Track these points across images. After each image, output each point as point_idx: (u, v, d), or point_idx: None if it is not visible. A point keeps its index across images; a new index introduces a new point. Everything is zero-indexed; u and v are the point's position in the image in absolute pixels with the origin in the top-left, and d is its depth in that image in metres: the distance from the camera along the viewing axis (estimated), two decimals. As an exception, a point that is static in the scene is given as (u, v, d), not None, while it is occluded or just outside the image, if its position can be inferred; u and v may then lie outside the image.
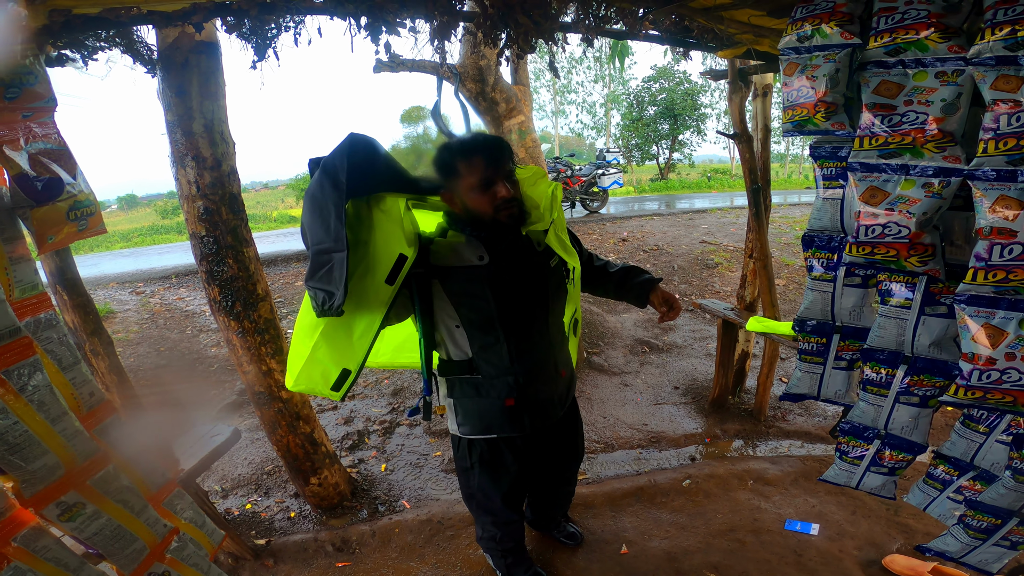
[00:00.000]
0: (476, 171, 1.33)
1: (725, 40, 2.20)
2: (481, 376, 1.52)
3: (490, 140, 1.42)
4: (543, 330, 1.56)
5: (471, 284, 1.43)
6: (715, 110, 18.91)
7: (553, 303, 1.58)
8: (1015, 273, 1.06)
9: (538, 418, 1.60)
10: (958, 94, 1.13)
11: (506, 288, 1.45)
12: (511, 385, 1.52)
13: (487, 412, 1.56)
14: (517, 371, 1.51)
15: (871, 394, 1.52)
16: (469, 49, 4.07)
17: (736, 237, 6.95)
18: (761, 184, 2.80)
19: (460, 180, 1.35)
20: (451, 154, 1.37)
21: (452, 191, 1.39)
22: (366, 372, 3.90)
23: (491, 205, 1.35)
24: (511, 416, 1.56)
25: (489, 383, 1.52)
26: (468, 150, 1.35)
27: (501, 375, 1.51)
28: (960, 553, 1.47)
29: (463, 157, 1.34)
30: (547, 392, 1.61)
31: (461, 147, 1.37)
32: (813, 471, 2.60)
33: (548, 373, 1.60)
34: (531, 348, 1.53)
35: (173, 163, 1.97)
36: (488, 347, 1.49)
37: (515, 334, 1.49)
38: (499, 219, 1.37)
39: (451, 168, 1.36)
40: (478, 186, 1.34)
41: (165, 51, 1.86)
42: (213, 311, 2.14)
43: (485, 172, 1.33)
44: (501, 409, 1.54)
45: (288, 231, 12.06)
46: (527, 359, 1.52)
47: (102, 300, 5.17)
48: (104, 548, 1.01)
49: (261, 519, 2.53)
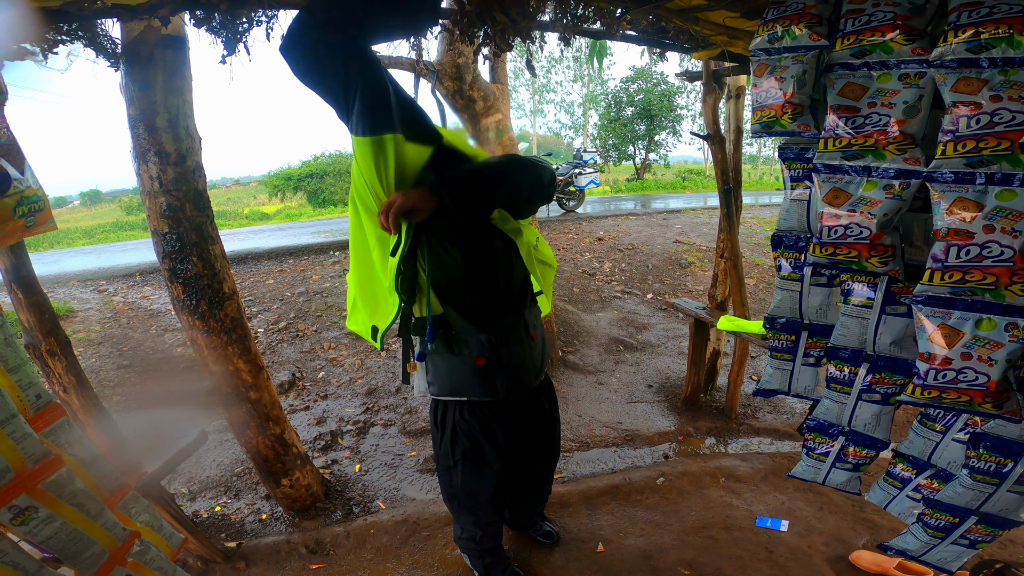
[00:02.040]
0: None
1: (700, 41, 2.23)
2: (454, 332, 1.53)
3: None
4: (508, 288, 1.58)
5: (442, 244, 1.46)
6: (691, 111, 19.18)
7: (515, 262, 1.60)
8: (971, 274, 1.08)
9: (512, 382, 1.61)
10: (919, 96, 1.16)
11: (472, 247, 1.49)
12: (483, 343, 1.53)
13: (458, 370, 1.56)
14: (489, 328, 1.53)
15: (835, 391, 1.55)
16: (447, 46, 4.04)
17: (709, 237, 7.06)
18: (732, 185, 2.85)
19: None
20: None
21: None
22: (338, 371, 3.85)
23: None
24: (483, 377, 1.57)
25: (461, 340, 1.53)
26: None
27: (472, 332, 1.52)
28: (920, 551, 1.50)
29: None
30: (520, 355, 1.62)
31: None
32: (782, 468, 2.65)
33: (519, 335, 1.61)
34: (500, 307, 1.56)
35: (135, 158, 1.91)
36: (458, 305, 1.51)
37: (481, 289, 1.52)
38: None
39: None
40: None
41: (129, 45, 1.80)
42: (176, 310, 2.07)
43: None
44: (473, 368, 1.55)
45: (260, 228, 11.80)
46: (497, 317, 1.55)
47: (62, 299, 4.96)
48: (60, 552, 0.97)
49: (231, 521, 2.46)
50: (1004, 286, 1.06)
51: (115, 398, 3.47)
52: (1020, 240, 1.02)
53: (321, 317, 4.65)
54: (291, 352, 4.11)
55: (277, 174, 19.40)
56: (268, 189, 19.78)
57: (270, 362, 3.95)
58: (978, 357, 1.11)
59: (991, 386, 1.11)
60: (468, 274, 1.49)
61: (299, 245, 6.94)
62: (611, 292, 5.45)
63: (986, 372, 1.11)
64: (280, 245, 7.06)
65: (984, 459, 1.29)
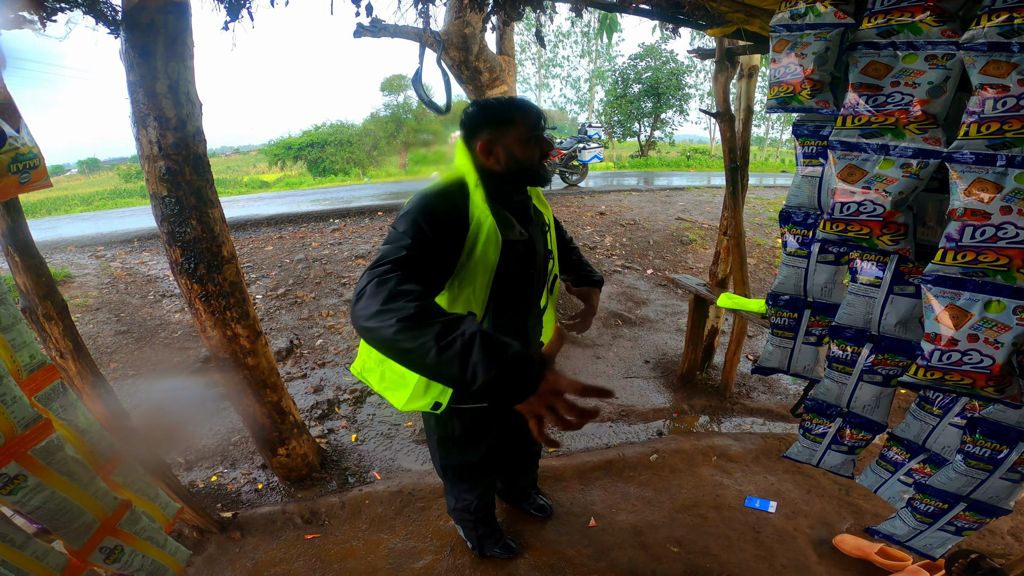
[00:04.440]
0: (529, 122, 1.35)
1: (716, 18, 2.16)
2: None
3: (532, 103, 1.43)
4: (538, 302, 1.59)
5: (515, 260, 1.40)
6: (699, 91, 18.92)
7: (550, 278, 1.61)
8: (984, 255, 1.07)
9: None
10: (945, 77, 1.14)
11: (533, 263, 1.47)
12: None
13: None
14: (523, 342, 1.53)
15: (836, 371, 1.55)
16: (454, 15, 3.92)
17: (711, 215, 7.01)
18: (740, 163, 2.80)
19: (512, 130, 1.34)
20: (504, 106, 1.37)
21: (497, 142, 1.35)
22: (336, 339, 3.85)
23: (538, 155, 1.37)
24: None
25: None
26: (521, 105, 1.37)
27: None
28: (907, 537, 1.52)
29: (518, 110, 1.35)
30: None
31: (512, 102, 1.38)
32: (773, 449, 2.68)
33: (538, 344, 1.64)
34: (533, 320, 1.58)
35: (134, 123, 1.88)
36: (505, 320, 1.47)
37: (526, 307, 1.52)
38: (540, 173, 1.39)
39: (506, 118, 1.35)
40: (529, 136, 1.35)
41: (130, 11, 1.75)
42: (175, 274, 2.05)
43: (536, 125, 1.36)
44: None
45: (259, 196, 11.68)
46: (529, 331, 1.57)
47: (59, 264, 4.93)
48: (49, 522, 0.96)
49: (227, 491, 2.48)
50: (1016, 268, 1.04)
51: (112, 364, 3.47)
52: (1038, 223, 1.00)
53: (320, 284, 4.63)
54: (289, 319, 4.10)
55: (277, 143, 19.15)
56: (268, 158, 19.54)
57: (268, 329, 3.95)
58: (984, 339, 1.10)
59: (995, 369, 1.11)
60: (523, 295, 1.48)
61: (299, 212, 6.88)
62: (611, 266, 5.42)
63: (991, 355, 1.10)
64: (279, 212, 6.99)
65: (980, 444, 1.29)
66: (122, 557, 1.11)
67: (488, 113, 1.36)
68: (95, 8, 1.75)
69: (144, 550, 1.17)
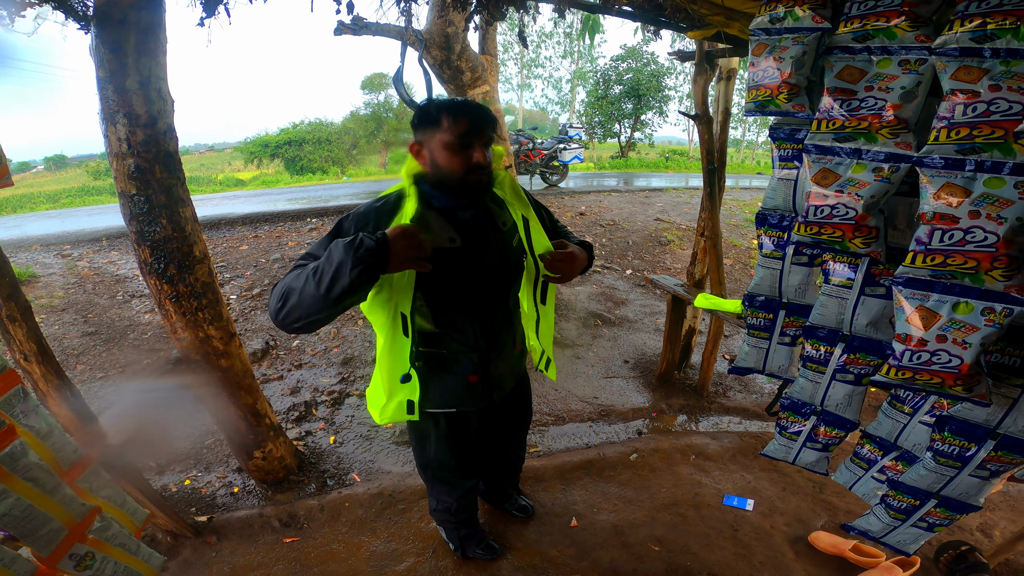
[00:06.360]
0: (458, 128, 1.26)
1: (696, 21, 2.18)
2: (446, 351, 1.50)
3: (479, 105, 1.34)
4: (505, 308, 1.56)
5: (442, 267, 1.36)
6: (679, 92, 19.11)
7: (515, 281, 1.57)
8: (953, 258, 1.09)
9: (496, 391, 1.63)
10: (918, 82, 1.15)
11: (474, 270, 1.42)
12: (475, 362, 1.52)
13: (451, 387, 1.54)
14: (482, 348, 1.52)
15: (810, 371, 1.58)
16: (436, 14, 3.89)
17: (689, 216, 7.10)
18: (717, 165, 2.84)
19: (438, 133, 1.27)
20: (437, 107, 1.29)
21: (425, 144, 1.31)
22: (313, 340, 3.79)
23: (463, 166, 1.29)
24: (473, 391, 1.57)
25: (454, 359, 1.51)
26: (456, 107, 1.29)
27: (466, 352, 1.50)
28: (881, 533, 1.56)
29: (449, 112, 1.27)
30: (506, 367, 1.63)
31: (450, 103, 1.30)
32: (750, 447, 2.72)
33: (508, 350, 1.61)
34: (495, 326, 1.54)
35: (103, 120, 1.82)
36: (454, 326, 1.47)
37: (481, 313, 1.49)
38: (467, 182, 1.31)
39: (433, 119, 1.28)
40: (456, 143, 1.27)
41: (102, 6, 1.70)
42: (144, 274, 1.99)
43: (467, 132, 1.27)
44: (464, 384, 1.54)
45: (234, 194, 11.44)
46: (492, 337, 1.53)
47: (23, 264, 4.75)
48: (15, 529, 0.93)
49: (202, 495, 2.43)
50: (984, 271, 1.07)
51: (79, 367, 3.36)
52: (1004, 227, 1.03)
53: (297, 287, 4.54)
54: (265, 320, 4.02)
55: (254, 140, 18.79)
56: (244, 156, 19.17)
57: (243, 329, 3.87)
58: (953, 340, 1.13)
59: (963, 369, 1.14)
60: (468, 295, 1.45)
61: (275, 211, 6.75)
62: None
63: (959, 355, 1.13)
64: (255, 211, 6.86)
65: (948, 442, 1.32)
66: (93, 564, 1.08)
67: (420, 114, 1.31)
68: (65, 3, 1.69)
69: (116, 556, 1.14)
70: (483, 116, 1.29)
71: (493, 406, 1.66)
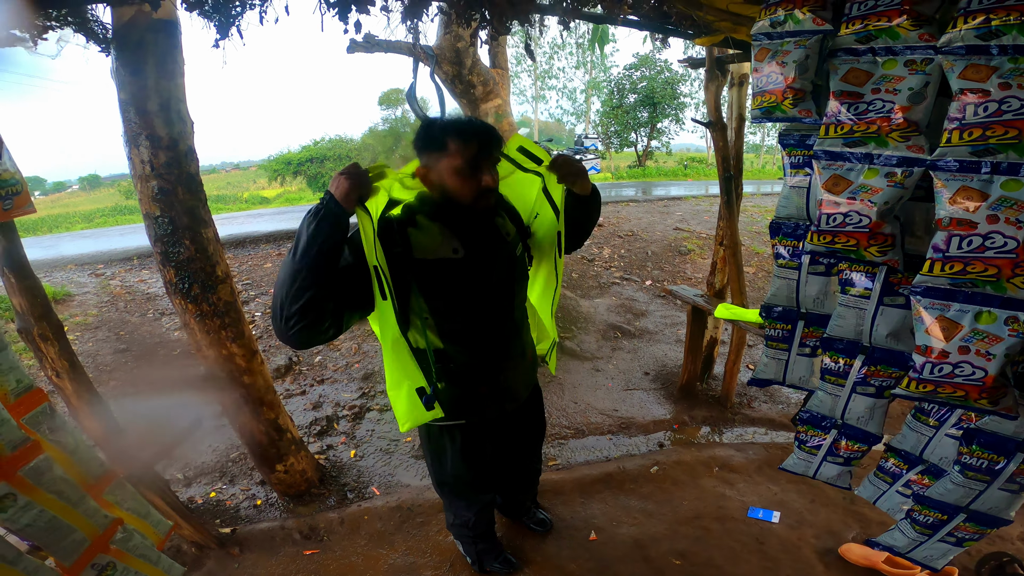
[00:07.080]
0: (467, 153, 1.25)
1: (704, 27, 2.18)
2: (454, 365, 1.50)
3: (484, 125, 1.34)
4: (511, 317, 1.56)
5: (445, 278, 1.37)
6: (694, 99, 18.94)
7: (519, 291, 1.58)
8: (972, 265, 1.05)
9: (508, 401, 1.63)
10: (926, 83, 1.12)
11: (479, 281, 1.42)
12: (484, 373, 1.53)
13: (461, 399, 1.55)
14: (491, 359, 1.52)
15: (829, 383, 1.53)
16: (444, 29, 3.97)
17: (709, 225, 7.02)
18: (733, 173, 2.81)
19: (446, 158, 1.27)
20: (443, 130, 1.27)
21: (432, 168, 1.31)
22: (335, 356, 3.84)
23: (472, 192, 1.29)
24: (483, 402, 1.57)
25: (463, 371, 1.51)
26: (462, 130, 1.27)
27: (475, 363, 1.51)
28: (907, 548, 1.49)
29: (457, 136, 1.26)
30: (515, 377, 1.63)
31: (455, 125, 1.28)
32: (776, 459, 2.66)
33: (516, 359, 1.61)
34: (503, 336, 1.54)
35: (126, 143, 1.90)
36: (461, 338, 1.47)
37: (488, 324, 1.49)
38: (475, 207, 1.32)
39: (440, 143, 1.27)
40: (464, 169, 1.26)
41: (120, 30, 1.78)
42: (169, 294, 2.06)
43: (475, 156, 1.26)
44: (474, 396, 1.55)
45: (259, 212, 11.73)
46: (499, 347, 1.54)
47: (59, 283, 4.94)
48: (39, 540, 0.97)
49: (226, 507, 2.47)
50: (1006, 278, 1.03)
51: (112, 383, 3.47)
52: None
53: (318, 302, 4.63)
54: (288, 337, 4.09)
55: (277, 158, 19.24)
56: (268, 173, 19.63)
57: (266, 346, 3.95)
58: (976, 351, 1.09)
59: (988, 381, 1.09)
60: (474, 307, 1.44)
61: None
62: (610, 278, 5.42)
63: (983, 367, 1.09)
64: (279, 229, 7.01)
65: (977, 456, 1.27)
66: (115, 574, 1.11)
67: (425, 136, 1.30)
68: (85, 26, 1.78)
69: (137, 567, 1.17)
70: (490, 137, 1.29)
71: (506, 417, 1.66)
